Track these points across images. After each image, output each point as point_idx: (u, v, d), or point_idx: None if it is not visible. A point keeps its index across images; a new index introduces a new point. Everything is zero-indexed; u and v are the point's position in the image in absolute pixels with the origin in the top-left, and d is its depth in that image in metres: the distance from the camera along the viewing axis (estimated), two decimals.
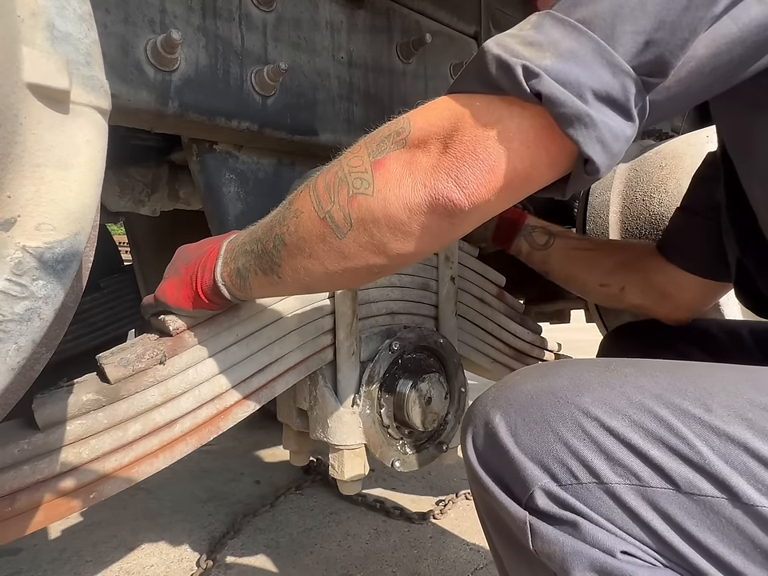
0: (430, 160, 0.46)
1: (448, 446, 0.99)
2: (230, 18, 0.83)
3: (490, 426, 0.51)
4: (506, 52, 0.44)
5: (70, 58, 0.41)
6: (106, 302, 1.74)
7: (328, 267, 0.54)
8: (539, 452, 0.47)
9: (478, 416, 0.54)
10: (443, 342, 0.97)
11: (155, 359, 0.67)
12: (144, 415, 0.66)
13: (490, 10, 1.22)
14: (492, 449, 0.50)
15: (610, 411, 0.46)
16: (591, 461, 0.45)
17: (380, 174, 0.48)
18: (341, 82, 0.98)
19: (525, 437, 0.48)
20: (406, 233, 0.49)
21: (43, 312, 0.41)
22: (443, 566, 1.26)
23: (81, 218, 0.42)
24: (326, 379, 0.87)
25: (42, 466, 0.58)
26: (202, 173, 0.91)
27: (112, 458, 0.64)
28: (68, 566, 1.30)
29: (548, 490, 0.46)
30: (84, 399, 0.62)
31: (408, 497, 1.65)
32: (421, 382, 0.89)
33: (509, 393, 0.53)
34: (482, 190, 0.45)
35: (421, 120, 0.48)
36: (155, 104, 0.75)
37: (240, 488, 1.73)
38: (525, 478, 0.47)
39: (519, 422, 0.49)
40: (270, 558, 1.31)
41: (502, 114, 0.44)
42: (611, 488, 0.44)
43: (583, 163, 0.45)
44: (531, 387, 0.51)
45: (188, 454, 0.71)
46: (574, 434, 0.46)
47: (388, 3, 1.05)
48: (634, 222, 1.29)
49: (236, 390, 0.75)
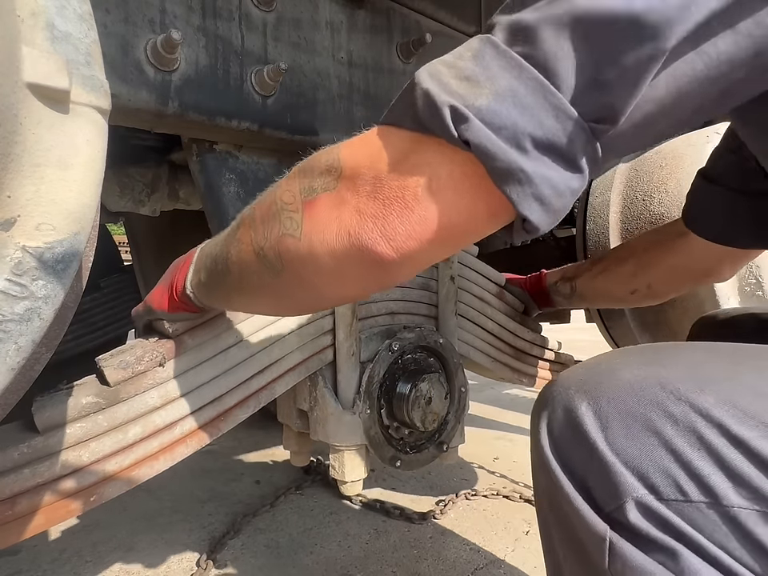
0: (357, 205, 0.42)
1: (448, 446, 0.99)
2: (229, 17, 0.83)
3: (574, 415, 0.43)
4: (437, 86, 0.38)
5: (69, 58, 0.41)
6: (105, 302, 1.74)
7: (270, 301, 0.53)
8: (637, 456, 0.39)
9: (557, 399, 0.46)
10: (443, 341, 0.97)
11: (155, 361, 0.67)
12: (144, 417, 0.66)
13: (490, 9, 1.21)
14: (574, 442, 0.43)
15: (740, 417, 0.37)
16: (708, 476, 0.37)
17: (309, 216, 0.44)
18: (341, 81, 0.98)
19: (619, 435, 0.40)
20: (338, 278, 0.46)
21: (43, 312, 0.41)
22: (443, 566, 1.26)
23: (81, 217, 0.42)
24: (326, 380, 0.86)
25: (42, 470, 0.58)
26: (201, 173, 0.91)
27: (112, 460, 0.64)
28: (68, 566, 1.29)
29: (644, 503, 0.38)
30: (84, 402, 0.62)
31: (408, 497, 1.65)
32: (421, 382, 0.89)
33: (601, 378, 0.45)
34: (411, 243, 0.40)
35: (350, 158, 0.44)
36: (155, 104, 0.75)
37: (240, 488, 1.73)
38: (616, 484, 0.39)
39: (613, 417, 0.41)
40: (270, 558, 1.31)
41: (433, 159, 0.39)
42: (732, 513, 0.36)
43: (521, 222, 0.40)
44: (631, 375, 0.43)
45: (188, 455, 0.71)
46: (686, 441, 0.38)
47: (388, 3, 1.05)
48: (634, 222, 1.29)
49: (236, 392, 0.74)
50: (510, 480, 1.76)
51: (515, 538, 1.38)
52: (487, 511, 1.55)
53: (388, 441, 0.89)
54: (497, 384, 3.11)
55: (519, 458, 1.97)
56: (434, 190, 0.39)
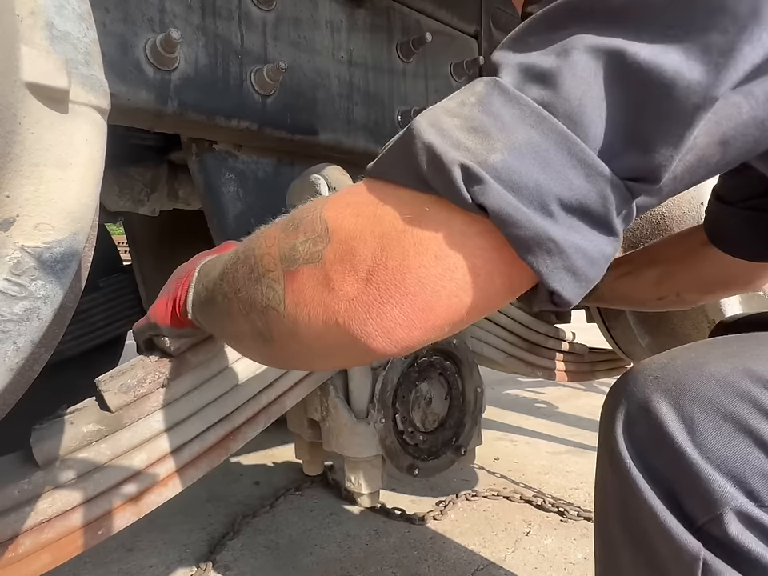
0: (347, 289, 0.35)
1: (466, 449, 0.96)
2: (229, 17, 0.83)
3: (654, 416, 0.39)
4: (440, 139, 0.32)
5: (68, 57, 0.41)
6: (105, 302, 1.73)
7: (262, 360, 0.50)
8: (732, 460, 0.35)
9: (632, 397, 0.42)
10: (456, 343, 0.95)
11: (157, 383, 0.64)
12: (149, 443, 0.63)
13: (490, 9, 1.21)
14: (657, 446, 0.39)
15: None
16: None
17: (291, 290, 0.38)
18: (341, 81, 0.98)
19: (709, 437, 0.36)
20: (328, 359, 0.41)
21: (42, 312, 0.40)
22: (443, 566, 1.26)
23: (80, 217, 0.42)
24: (337, 389, 0.83)
25: (45, 506, 0.55)
26: (201, 172, 0.91)
27: (118, 491, 0.60)
28: (67, 567, 1.29)
29: (745, 512, 0.34)
30: (84, 431, 0.59)
31: (408, 497, 1.64)
32: (435, 387, 0.88)
33: (680, 375, 0.40)
34: (413, 333, 0.34)
35: (338, 225, 0.36)
36: (154, 103, 0.75)
37: (240, 489, 1.73)
38: (710, 493, 0.35)
39: (700, 417, 0.37)
40: (270, 558, 1.31)
41: (439, 228, 0.33)
42: None
43: (548, 294, 0.33)
44: (716, 369, 0.39)
45: None
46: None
47: (388, 2, 1.04)
48: (635, 221, 1.29)
49: (244, 409, 0.71)
50: (511, 481, 1.76)
51: (515, 539, 1.38)
52: (488, 512, 1.55)
53: (404, 449, 0.86)
54: (497, 384, 3.11)
55: (519, 459, 1.96)
56: (441, 270, 0.33)
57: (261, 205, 0.93)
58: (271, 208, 0.96)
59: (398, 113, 1.06)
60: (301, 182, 0.83)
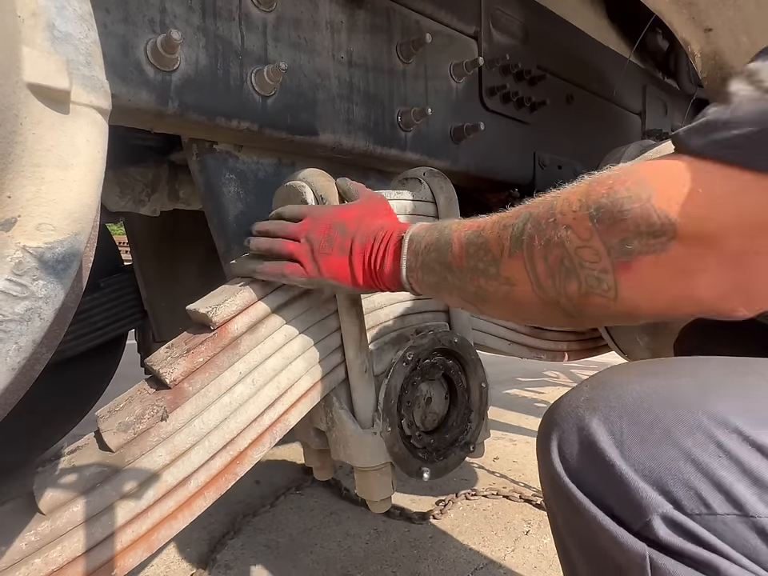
0: (714, 273, 0.37)
1: (474, 445, 0.96)
2: (229, 17, 0.83)
3: (586, 434, 0.41)
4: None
5: (70, 58, 0.41)
6: (105, 302, 1.74)
7: (526, 318, 0.53)
8: (656, 470, 0.37)
9: (566, 419, 0.44)
10: (458, 340, 0.93)
11: (156, 416, 0.62)
12: (154, 478, 0.61)
13: (489, 9, 1.21)
14: (589, 462, 0.41)
15: (755, 422, 0.36)
16: (731, 485, 0.35)
17: (627, 279, 0.40)
18: (341, 81, 0.98)
19: (635, 449, 0.38)
20: (660, 316, 0.43)
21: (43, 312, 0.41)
22: (443, 566, 1.26)
23: (81, 218, 0.42)
24: (341, 400, 0.82)
25: (54, 556, 0.54)
26: (201, 173, 0.91)
27: (128, 530, 0.59)
28: None
29: (671, 518, 0.36)
30: (87, 474, 0.57)
31: (408, 497, 1.65)
32: (439, 386, 0.87)
33: (608, 393, 0.43)
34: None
35: (685, 216, 0.37)
36: (155, 104, 0.75)
37: (240, 488, 1.73)
38: (638, 501, 0.37)
39: (627, 431, 0.39)
40: (270, 558, 1.31)
41: None
42: (760, 523, 0.34)
43: None
44: (640, 387, 0.41)
45: None
46: (704, 450, 0.36)
47: (388, 3, 1.05)
48: None
49: (248, 432, 0.69)
50: (510, 480, 1.77)
51: (515, 538, 1.38)
52: (487, 511, 1.55)
53: (413, 453, 0.85)
54: (497, 384, 3.11)
55: (519, 458, 1.97)
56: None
57: (261, 205, 0.93)
58: (271, 208, 0.97)
59: (397, 113, 1.06)
60: (286, 189, 0.83)
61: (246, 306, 0.72)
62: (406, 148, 1.09)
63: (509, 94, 1.26)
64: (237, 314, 0.70)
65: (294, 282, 0.70)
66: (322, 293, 0.79)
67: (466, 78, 1.19)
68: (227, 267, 0.87)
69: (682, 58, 1.83)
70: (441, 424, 0.93)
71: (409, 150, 1.09)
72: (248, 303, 0.72)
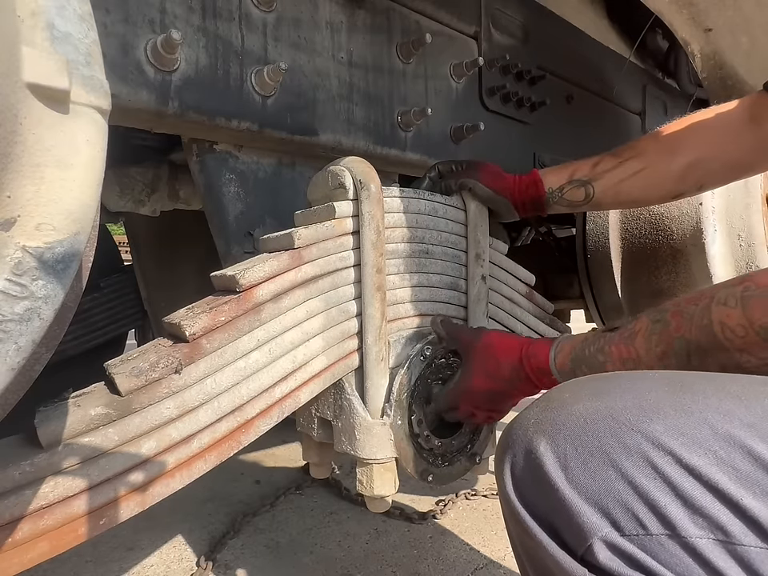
0: None
1: (481, 457, 0.94)
2: (230, 17, 0.83)
3: (534, 457, 0.42)
4: None
5: (70, 58, 0.41)
6: (106, 302, 1.74)
7: None
8: (597, 492, 0.38)
9: (517, 442, 0.45)
10: None
11: (170, 368, 0.60)
12: (158, 430, 0.59)
13: (489, 10, 1.21)
14: (537, 485, 0.42)
15: (689, 444, 0.37)
16: (664, 506, 0.36)
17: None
18: (341, 81, 0.98)
19: (578, 472, 0.40)
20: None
21: (43, 312, 0.41)
22: (443, 565, 1.26)
23: (81, 218, 0.42)
24: (352, 387, 0.80)
25: (47, 490, 0.52)
26: (202, 173, 0.91)
27: (124, 479, 0.58)
28: (68, 566, 1.30)
29: (610, 541, 0.37)
30: (92, 414, 0.56)
31: (408, 497, 1.65)
32: None
33: (555, 414, 0.44)
34: None
35: None
36: (155, 104, 0.75)
37: (240, 488, 1.73)
38: (581, 525, 0.38)
39: (571, 454, 0.40)
40: (270, 557, 1.31)
41: None
42: (690, 543, 0.35)
43: None
44: (584, 408, 0.42)
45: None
46: (641, 472, 0.37)
47: (388, 3, 1.05)
48: (633, 222, 1.29)
49: (258, 401, 0.68)
50: None
51: None
52: (487, 511, 1.55)
53: (419, 453, 0.84)
54: None
55: None
56: None
57: (261, 205, 0.93)
58: (271, 208, 0.97)
59: (397, 113, 1.06)
60: (323, 174, 0.81)
61: (274, 274, 0.70)
62: (406, 148, 1.09)
63: (509, 94, 1.26)
64: (264, 281, 0.69)
65: None
66: (350, 275, 0.79)
67: (465, 78, 1.19)
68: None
69: (681, 57, 1.83)
70: (449, 429, 0.92)
71: (409, 150, 1.09)
72: (276, 272, 0.70)
